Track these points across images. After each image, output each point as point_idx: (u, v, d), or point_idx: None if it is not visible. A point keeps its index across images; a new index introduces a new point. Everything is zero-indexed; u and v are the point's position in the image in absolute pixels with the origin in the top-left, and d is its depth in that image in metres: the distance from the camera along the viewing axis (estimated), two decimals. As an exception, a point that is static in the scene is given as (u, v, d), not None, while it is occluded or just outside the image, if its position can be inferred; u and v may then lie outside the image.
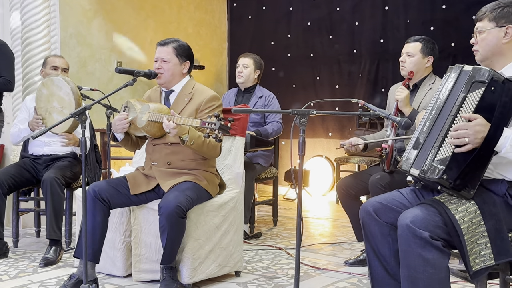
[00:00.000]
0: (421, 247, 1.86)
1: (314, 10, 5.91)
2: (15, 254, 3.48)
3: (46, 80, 3.36)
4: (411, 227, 1.87)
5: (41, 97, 3.36)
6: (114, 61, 5.24)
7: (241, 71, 4.07)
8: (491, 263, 1.90)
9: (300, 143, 2.12)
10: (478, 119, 1.85)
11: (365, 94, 5.60)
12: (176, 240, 2.67)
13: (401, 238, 1.91)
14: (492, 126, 1.85)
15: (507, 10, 2.04)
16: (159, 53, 2.86)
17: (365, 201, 2.22)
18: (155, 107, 2.76)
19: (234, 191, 3.05)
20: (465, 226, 1.88)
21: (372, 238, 2.10)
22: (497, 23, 2.04)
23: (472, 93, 1.89)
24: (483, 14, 2.07)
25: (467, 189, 1.90)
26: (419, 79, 3.15)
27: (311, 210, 5.06)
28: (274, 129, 4.00)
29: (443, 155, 1.90)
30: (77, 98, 3.22)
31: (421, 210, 1.92)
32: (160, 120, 2.65)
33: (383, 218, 2.09)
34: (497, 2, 2.07)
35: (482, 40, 2.07)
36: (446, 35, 5.06)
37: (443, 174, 1.87)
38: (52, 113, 3.31)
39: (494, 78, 1.87)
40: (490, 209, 1.92)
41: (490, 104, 1.87)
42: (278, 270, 3.18)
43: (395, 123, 2.41)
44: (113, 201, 2.78)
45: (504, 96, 1.86)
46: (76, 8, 4.90)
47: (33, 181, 3.54)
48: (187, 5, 5.98)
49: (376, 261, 2.11)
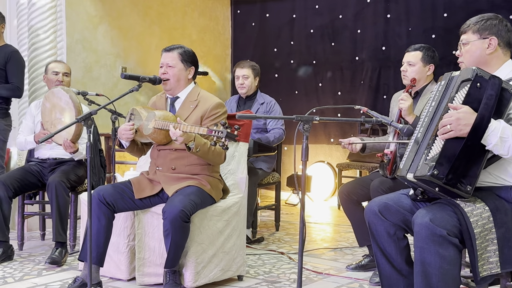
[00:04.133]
0: (439, 244, 1.89)
1: (317, 18, 5.96)
2: (20, 257, 3.51)
3: (48, 94, 3.41)
4: (430, 225, 1.90)
5: (45, 111, 3.41)
6: (119, 67, 5.29)
7: (243, 83, 4.07)
8: (497, 271, 1.93)
9: (303, 149, 2.16)
10: (464, 108, 1.90)
11: (367, 101, 5.63)
12: (179, 244, 2.70)
13: (419, 235, 1.94)
14: (478, 116, 1.89)
15: (490, 23, 2.09)
16: (165, 59, 2.90)
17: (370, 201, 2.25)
18: (161, 114, 2.79)
19: (237, 196, 3.08)
20: (478, 230, 1.92)
21: (378, 237, 2.14)
22: (481, 35, 2.10)
23: (459, 92, 1.95)
24: (467, 27, 2.14)
25: (463, 185, 1.91)
26: (421, 87, 3.18)
27: (313, 216, 5.08)
28: (276, 136, 4.02)
29: (433, 153, 1.94)
30: (77, 106, 3.25)
31: (439, 209, 1.96)
32: (166, 128, 2.68)
33: (389, 218, 2.12)
34: (480, 16, 2.14)
35: (466, 52, 2.13)
36: (447, 43, 5.10)
37: (434, 169, 1.89)
38: (56, 125, 3.34)
39: (478, 74, 1.92)
40: (502, 217, 1.95)
41: (476, 99, 1.92)
42: (280, 274, 3.20)
43: (398, 130, 2.45)
44: (117, 205, 2.82)
45: (490, 89, 1.91)
46: (82, 14, 4.96)
47: (39, 184, 3.58)
48: (191, 12, 6.03)
49: (383, 259, 2.15)
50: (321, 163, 5.83)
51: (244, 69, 4.08)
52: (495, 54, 2.09)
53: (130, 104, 5.10)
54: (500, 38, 2.09)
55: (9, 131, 3.97)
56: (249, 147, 3.49)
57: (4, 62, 3.85)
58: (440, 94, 2.06)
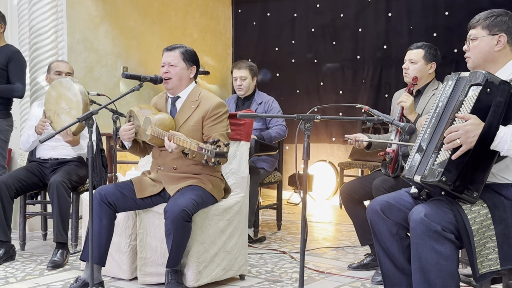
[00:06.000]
0: (434, 240, 1.89)
1: (318, 17, 5.95)
2: (22, 257, 3.51)
3: (55, 82, 3.39)
4: (425, 220, 1.90)
5: (50, 99, 3.40)
6: (120, 67, 5.29)
7: (241, 84, 4.06)
8: (497, 268, 1.92)
9: (305, 148, 2.15)
10: (471, 119, 1.88)
11: (368, 99, 5.63)
12: (181, 243, 2.70)
13: (414, 231, 1.94)
14: (486, 124, 1.87)
15: (500, 19, 2.07)
16: (166, 58, 2.89)
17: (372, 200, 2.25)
18: (157, 119, 2.78)
19: (239, 195, 3.08)
20: (476, 227, 1.91)
21: (380, 236, 2.14)
22: (490, 31, 2.07)
23: (468, 96, 1.93)
24: (476, 22, 2.11)
25: (469, 191, 1.91)
26: (422, 85, 3.17)
27: (315, 215, 5.08)
28: (278, 132, 4.01)
29: (441, 158, 1.93)
30: (84, 99, 3.24)
31: (434, 205, 1.95)
32: (162, 137, 2.70)
33: (391, 217, 2.12)
34: (490, 11, 2.11)
35: (474, 48, 2.11)
36: (449, 41, 5.09)
37: (442, 176, 1.89)
38: (60, 115, 3.34)
39: (489, 80, 1.90)
40: (500, 214, 1.95)
41: (486, 105, 1.90)
42: (282, 274, 3.20)
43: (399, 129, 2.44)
44: (119, 205, 2.82)
45: (499, 96, 1.89)
46: (83, 14, 4.96)
47: (40, 184, 3.58)
48: (192, 11, 6.03)
49: (385, 258, 2.14)
50: (322, 162, 5.83)
51: (241, 71, 4.06)
52: (503, 51, 2.08)
53: (131, 103, 5.10)
54: (509, 35, 2.07)
55: (10, 131, 3.97)
56: (251, 146, 3.49)
57: (5, 62, 3.85)
58: (447, 95, 2.04)
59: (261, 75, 6.16)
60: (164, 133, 2.67)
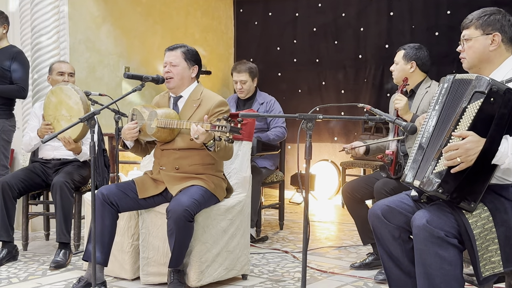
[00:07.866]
0: (438, 246, 1.88)
1: (320, 16, 5.95)
2: (24, 257, 3.52)
3: (55, 88, 3.39)
4: (427, 227, 1.89)
5: (49, 104, 3.40)
6: (122, 67, 5.30)
7: (241, 87, 4.05)
8: (500, 270, 1.92)
9: (307, 147, 2.15)
10: (470, 136, 1.83)
11: (370, 99, 5.63)
12: (183, 243, 2.71)
13: (417, 238, 1.92)
14: (488, 139, 1.83)
15: (493, 18, 2.04)
16: (168, 58, 2.90)
17: (372, 205, 2.24)
18: (163, 112, 2.80)
19: (241, 195, 3.08)
20: (478, 231, 1.90)
21: (383, 241, 2.12)
22: (484, 31, 2.04)
23: (471, 104, 1.87)
24: (469, 22, 2.07)
25: (467, 202, 1.89)
26: (415, 85, 3.18)
27: (317, 214, 5.08)
28: (277, 134, 4.01)
29: (441, 167, 1.90)
30: (86, 108, 3.26)
31: (436, 211, 1.94)
32: (169, 126, 2.69)
33: (392, 221, 2.10)
34: (483, 10, 2.07)
35: (469, 48, 2.07)
36: (450, 40, 5.08)
37: (439, 187, 1.87)
38: (60, 121, 3.35)
39: (493, 89, 1.84)
40: (501, 216, 1.93)
41: (489, 116, 1.85)
42: (284, 273, 3.20)
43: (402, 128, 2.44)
44: (121, 205, 2.82)
45: (503, 107, 1.84)
46: (85, 14, 4.96)
47: (43, 185, 3.58)
48: (194, 11, 6.03)
49: (390, 262, 2.13)
50: (324, 162, 5.83)
51: (241, 74, 4.04)
52: (498, 50, 2.04)
53: (133, 103, 5.10)
54: (503, 34, 2.03)
55: (13, 131, 3.98)
56: (253, 145, 3.49)
57: (9, 63, 3.86)
58: (444, 98, 2.00)
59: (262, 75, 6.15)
60: (171, 121, 2.66)
